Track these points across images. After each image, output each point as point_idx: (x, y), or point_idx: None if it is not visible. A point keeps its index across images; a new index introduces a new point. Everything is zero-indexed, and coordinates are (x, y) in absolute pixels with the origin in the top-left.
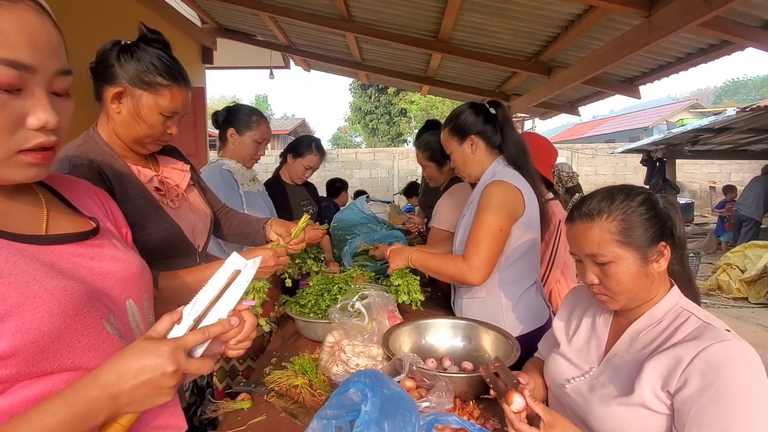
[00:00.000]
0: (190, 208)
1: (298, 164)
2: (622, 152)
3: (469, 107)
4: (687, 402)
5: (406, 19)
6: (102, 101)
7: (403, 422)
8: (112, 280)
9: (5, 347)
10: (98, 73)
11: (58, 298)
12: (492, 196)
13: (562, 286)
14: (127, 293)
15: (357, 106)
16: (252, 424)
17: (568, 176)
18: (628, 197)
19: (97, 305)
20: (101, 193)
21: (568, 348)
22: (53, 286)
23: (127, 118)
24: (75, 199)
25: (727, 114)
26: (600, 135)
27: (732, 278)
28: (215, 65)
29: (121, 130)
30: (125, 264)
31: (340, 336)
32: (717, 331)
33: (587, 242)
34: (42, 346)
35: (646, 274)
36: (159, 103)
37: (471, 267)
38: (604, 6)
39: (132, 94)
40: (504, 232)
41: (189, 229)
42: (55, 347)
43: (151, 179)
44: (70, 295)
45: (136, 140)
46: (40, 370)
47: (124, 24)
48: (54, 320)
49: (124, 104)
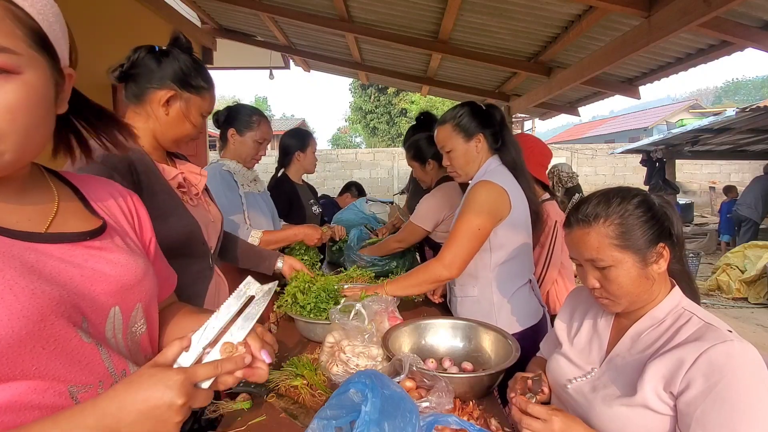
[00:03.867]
0: (207, 209)
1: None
2: (621, 152)
3: (472, 106)
4: (691, 404)
5: (406, 20)
6: (142, 102)
7: (403, 423)
8: (102, 285)
9: None
10: (136, 76)
11: (21, 301)
12: (476, 195)
13: (559, 287)
14: (115, 299)
15: (357, 105)
16: (252, 425)
17: (567, 176)
18: (624, 200)
19: (69, 311)
20: (134, 197)
21: (570, 348)
22: (22, 287)
23: (175, 119)
24: (98, 200)
25: (726, 114)
26: (600, 135)
27: (732, 278)
28: (215, 65)
29: (165, 130)
30: (124, 269)
31: (339, 336)
32: (719, 331)
33: (586, 248)
34: (1, 349)
35: (647, 277)
36: (202, 105)
37: (443, 263)
38: (604, 6)
39: (182, 97)
40: (483, 231)
41: (204, 229)
42: (14, 353)
43: (175, 176)
44: (37, 298)
45: (178, 139)
46: (6, 376)
47: (125, 24)
48: (13, 324)
49: (173, 106)
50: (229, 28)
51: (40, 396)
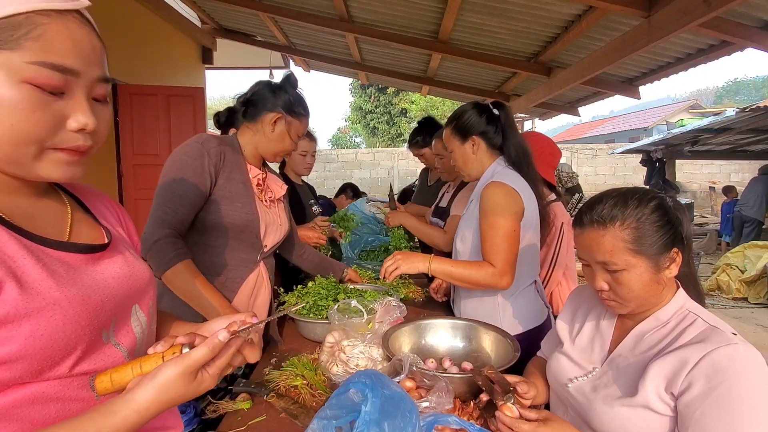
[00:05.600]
0: (278, 214)
1: (295, 155)
2: (621, 152)
3: (473, 107)
4: (691, 404)
5: (406, 20)
6: (256, 121)
7: (403, 423)
8: (125, 289)
9: (15, 350)
10: (255, 102)
11: (75, 308)
12: (496, 198)
13: (563, 288)
14: (133, 300)
15: (357, 105)
16: (252, 425)
17: (567, 176)
18: (642, 203)
19: (105, 315)
20: (121, 209)
21: (572, 348)
22: (73, 294)
23: (279, 136)
24: (94, 209)
25: (726, 114)
26: (600, 135)
27: (732, 278)
28: (215, 65)
29: (268, 144)
30: (139, 272)
31: (340, 336)
32: (723, 334)
33: (599, 250)
34: (50, 353)
35: (658, 281)
36: (298, 128)
37: (499, 272)
38: (604, 6)
39: (286, 120)
40: (517, 232)
41: (264, 226)
42: (61, 356)
43: (256, 175)
44: (86, 305)
45: (277, 153)
46: (41, 376)
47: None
48: (67, 329)
49: (278, 126)
50: (229, 28)
51: (66, 389)
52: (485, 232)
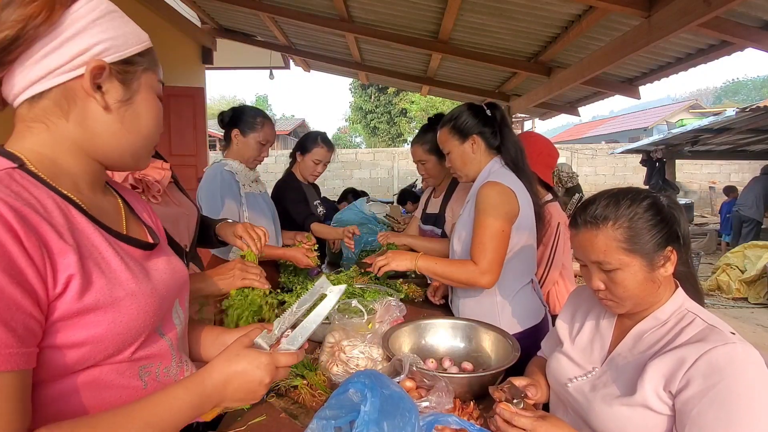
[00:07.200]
0: (175, 204)
1: (308, 160)
2: (621, 152)
3: (469, 108)
4: (688, 403)
5: (406, 20)
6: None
7: (402, 422)
8: (171, 284)
9: (99, 333)
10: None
11: (146, 300)
12: (489, 198)
13: (560, 288)
14: (175, 296)
15: (358, 105)
16: (252, 425)
17: (567, 176)
18: (634, 202)
19: (164, 308)
20: (149, 206)
21: (571, 347)
22: (146, 287)
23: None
24: (135, 207)
25: (726, 114)
26: (600, 135)
27: (732, 278)
28: (215, 65)
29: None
30: (181, 268)
31: (339, 336)
32: (722, 333)
33: (593, 250)
34: (124, 338)
35: (653, 280)
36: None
37: (480, 269)
38: (604, 6)
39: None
40: (506, 233)
41: (174, 226)
42: (130, 341)
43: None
44: (155, 298)
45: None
46: (107, 360)
47: None
48: (139, 319)
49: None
50: (229, 28)
51: (120, 376)
52: (475, 230)
